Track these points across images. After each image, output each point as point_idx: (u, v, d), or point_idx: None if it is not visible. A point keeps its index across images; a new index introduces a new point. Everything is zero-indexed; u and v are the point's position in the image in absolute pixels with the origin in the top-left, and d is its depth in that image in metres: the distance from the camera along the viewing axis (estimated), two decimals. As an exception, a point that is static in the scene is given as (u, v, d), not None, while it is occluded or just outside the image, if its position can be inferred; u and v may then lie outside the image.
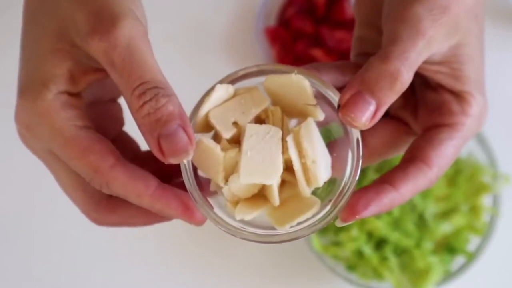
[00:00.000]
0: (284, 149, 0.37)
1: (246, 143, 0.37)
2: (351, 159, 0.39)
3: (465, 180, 0.77)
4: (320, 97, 0.38)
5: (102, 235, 0.90)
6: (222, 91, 0.38)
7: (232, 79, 0.39)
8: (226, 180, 0.38)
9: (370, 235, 0.76)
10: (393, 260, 0.75)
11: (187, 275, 0.89)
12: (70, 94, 0.37)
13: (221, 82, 0.39)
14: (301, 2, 0.86)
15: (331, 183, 0.39)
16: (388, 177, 0.38)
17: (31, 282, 0.90)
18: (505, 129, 0.89)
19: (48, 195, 0.91)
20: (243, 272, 0.89)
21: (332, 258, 0.79)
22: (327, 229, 0.78)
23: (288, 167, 0.38)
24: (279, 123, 0.39)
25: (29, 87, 0.37)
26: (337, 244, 0.78)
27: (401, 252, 0.76)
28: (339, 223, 0.38)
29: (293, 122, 0.40)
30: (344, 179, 0.39)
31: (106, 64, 0.36)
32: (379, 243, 0.76)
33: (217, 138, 0.39)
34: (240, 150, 0.37)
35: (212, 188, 0.39)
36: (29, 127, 0.38)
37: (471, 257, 0.78)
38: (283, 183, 0.39)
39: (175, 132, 0.35)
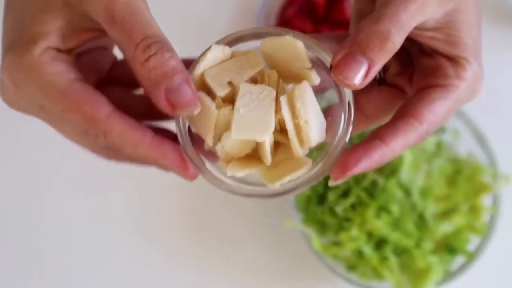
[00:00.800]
0: (278, 109, 0.37)
1: (239, 101, 0.37)
2: (343, 120, 0.39)
3: (465, 180, 0.77)
4: (318, 64, 0.39)
5: (101, 234, 0.90)
6: (218, 51, 0.39)
7: (228, 41, 0.40)
8: (219, 139, 0.38)
9: (370, 235, 0.76)
10: (393, 260, 0.75)
11: (187, 275, 0.89)
12: (60, 50, 0.37)
13: (217, 42, 0.39)
14: (301, 2, 0.86)
15: (325, 147, 0.39)
16: (378, 133, 0.38)
17: (31, 281, 0.90)
18: (505, 129, 0.89)
19: (45, 194, 0.91)
20: (243, 272, 0.89)
21: (332, 258, 0.79)
22: (327, 229, 0.78)
23: (282, 129, 0.38)
24: (275, 86, 0.39)
25: (17, 43, 0.36)
26: (337, 244, 0.78)
27: (401, 252, 0.76)
28: (331, 182, 0.38)
29: (289, 88, 0.40)
30: (336, 138, 0.39)
31: (105, 21, 0.35)
32: (379, 243, 0.76)
33: (212, 99, 0.39)
34: (233, 108, 0.37)
35: (206, 147, 0.39)
36: (18, 84, 0.37)
37: (471, 257, 0.78)
38: (277, 146, 0.39)
39: (182, 85, 0.35)
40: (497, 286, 0.88)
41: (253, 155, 0.39)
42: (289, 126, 0.37)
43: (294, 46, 0.38)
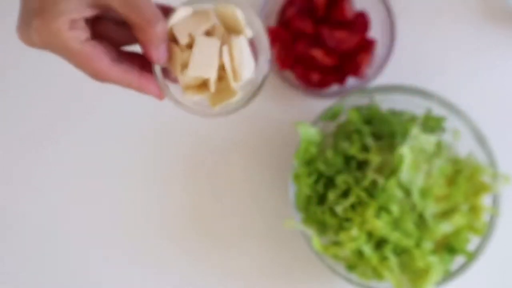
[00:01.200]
0: (221, 54, 0.55)
1: (195, 48, 0.55)
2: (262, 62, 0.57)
3: (465, 180, 0.77)
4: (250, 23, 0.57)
5: (101, 236, 0.90)
6: (183, 12, 0.56)
7: (190, 3, 0.56)
8: (182, 72, 0.56)
9: (370, 235, 0.76)
10: (393, 260, 0.75)
11: (187, 275, 0.89)
12: (75, 20, 0.51)
13: (184, 4, 0.56)
14: (301, 2, 0.86)
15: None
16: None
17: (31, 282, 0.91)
18: (505, 129, 0.89)
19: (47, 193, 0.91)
20: (243, 272, 0.89)
21: (332, 258, 0.80)
22: (327, 229, 0.79)
23: (224, 68, 0.56)
24: (220, 37, 0.56)
25: (44, 11, 0.50)
26: (337, 244, 0.78)
27: (401, 252, 0.77)
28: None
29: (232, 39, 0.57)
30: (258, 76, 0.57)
31: (120, 5, 0.51)
32: (379, 243, 0.76)
33: (179, 45, 0.56)
34: (191, 53, 0.55)
35: (173, 76, 0.57)
36: (46, 42, 0.52)
37: (471, 257, 0.78)
38: (221, 79, 0.56)
39: (165, 50, 0.54)
40: (497, 286, 0.88)
41: (204, 85, 0.58)
42: (227, 67, 0.56)
43: (233, 11, 0.56)
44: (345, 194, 0.77)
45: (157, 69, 0.56)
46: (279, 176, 0.89)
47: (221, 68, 0.56)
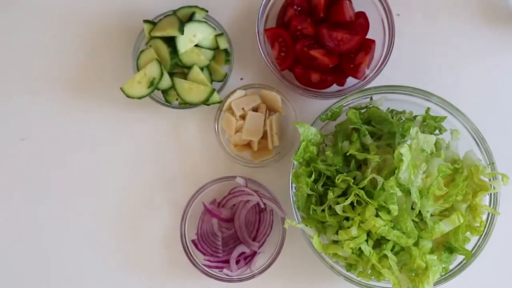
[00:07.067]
0: (265, 125, 0.87)
1: (247, 120, 0.87)
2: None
3: (464, 179, 0.77)
4: (285, 103, 0.87)
5: (104, 236, 0.90)
6: (239, 93, 0.88)
7: (245, 87, 0.87)
8: (235, 134, 0.86)
9: (369, 234, 0.76)
10: (392, 259, 0.75)
11: (188, 273, 0.89)
12: None
13: (239, 88, 0.87)
14: (301, 2, 0.86)
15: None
16: None
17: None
18: (504, 129, 0.89)
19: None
20: (244, 271, 0.89)
21: (332, 256, 0.80)
22: (327, 228, 0.79)
23: (264, 134, 0.87)
24: (263, 113, 0.88)
25: None
26: (336, 243, 0.78)
27: (400, 250, 0.77)
28: None
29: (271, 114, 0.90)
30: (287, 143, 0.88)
31: None
32: (378, 242, 0.77)
33: (234, 115, 0.88)
34: (244, 122, 0.87)
35: (228, 137, 0.86)
36: None
37: (470, 255, 0.79)
38: (261, 141, 0.87)
39: None
40: (495, 284, 0.89)
41: (248, 144, 0.89)
42: (268, 134, 0.87)
43: (275, 95, 0.87)
44: (344, 193, 0.77)
45: (216, 129, 0.85)
46: (278, 175, 0.89)
47: (262, 135, 0.85)
